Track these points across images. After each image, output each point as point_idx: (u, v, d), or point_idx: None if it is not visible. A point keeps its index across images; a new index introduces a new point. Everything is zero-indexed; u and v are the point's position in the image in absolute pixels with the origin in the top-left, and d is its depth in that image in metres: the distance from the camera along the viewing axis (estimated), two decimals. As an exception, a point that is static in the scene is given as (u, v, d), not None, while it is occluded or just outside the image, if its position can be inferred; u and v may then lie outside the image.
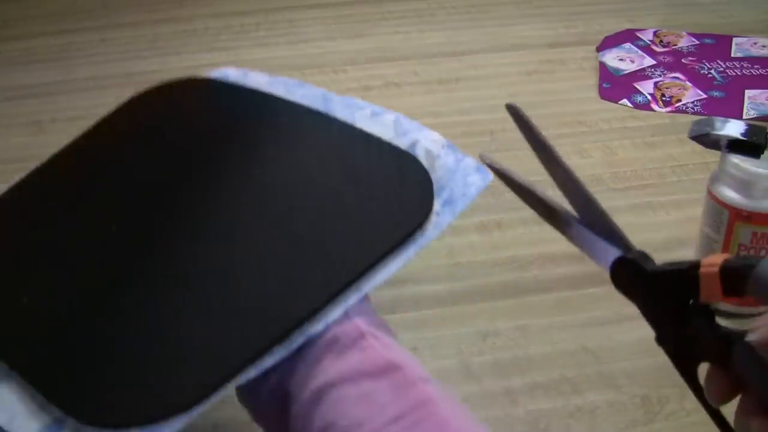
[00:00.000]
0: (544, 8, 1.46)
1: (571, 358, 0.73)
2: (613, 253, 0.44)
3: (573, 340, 0.75)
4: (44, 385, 0.43)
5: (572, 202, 0.47)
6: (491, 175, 0.51)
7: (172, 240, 0.53)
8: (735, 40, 1.32)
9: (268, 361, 0.44)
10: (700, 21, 1.39)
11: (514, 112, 0.49)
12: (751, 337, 0.36)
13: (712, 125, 0.67)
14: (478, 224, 0.90)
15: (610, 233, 0.44)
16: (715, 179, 0.76)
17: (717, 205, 0.74)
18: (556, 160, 0.47)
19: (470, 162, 0.55)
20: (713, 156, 0.73)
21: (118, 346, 0.45)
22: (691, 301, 0.39)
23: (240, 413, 0.69)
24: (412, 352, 0.84)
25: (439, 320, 0.78)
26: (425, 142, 0.56)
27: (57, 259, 0.52)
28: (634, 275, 0.42)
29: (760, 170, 0.71)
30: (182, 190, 0.56)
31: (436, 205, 0.52)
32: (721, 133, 0.67)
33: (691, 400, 0.40)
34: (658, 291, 0.41)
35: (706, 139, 0.68)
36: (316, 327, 0.45)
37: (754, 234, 0.72)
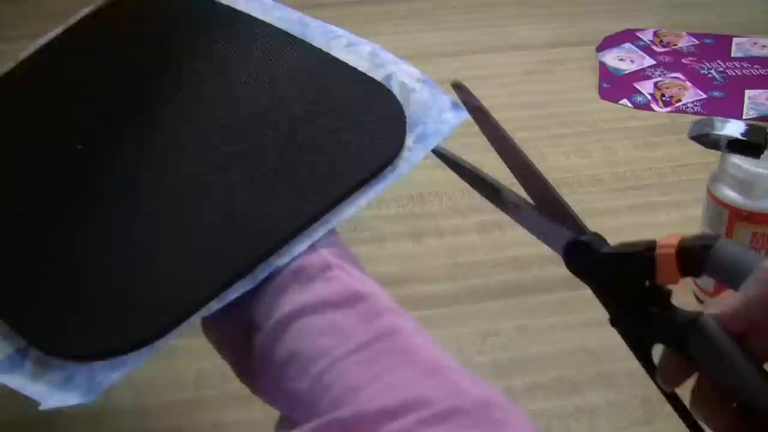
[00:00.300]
0: (544, 8, 1.46)
1: (571, 358, 0.73)
2: (567, 235, 0.43)
3: (573, 340, 0.75)
4: (8, 314, 0.43)
5: (525, 185, 0.47)
6: (466, 113, 0.51)
7: (135, 166, 0.51)
8: (735, 40, 1.32)
9: (232, 294, 0.43)
10: (700, 21, 1.39)
11: (460, 89, 0.49)
12: (710, 309, 0.35)
13: (712, 125, 0.67)
14: (478, 224, 0.90)
15: (564, 216, 0.44)
16: (715, 179, 0.76)
17: (717, 205, 0.74)
18: (510, 143, 0.47)
19: (446, 99, 0.54)
20: (713, 156, 0.73)
21: (82, 276, 0.44)
22: (647, 283, 0.38)
23: (240, 413, 0.69)
24: (412, 352, 0.84)
25: (439, 320, 0.78)
26: (401, 75, 0.55)
27: (17, 182, 0.50)
28: (588, 258, 0.42)
29: (760, 170, 0.71)
30: (146, 111, 0.54)
31: (408, 141, 0.51)
32: (721, 133, 0.67)
33: (691, 400, 0.40)
34: (613, 273, 0.40)
35: (706, 139, 0.68)
36: (282, 260, 0.45)
37: (754, 234, 0.72)
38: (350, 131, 0.51)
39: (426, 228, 0.91)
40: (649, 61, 1.27)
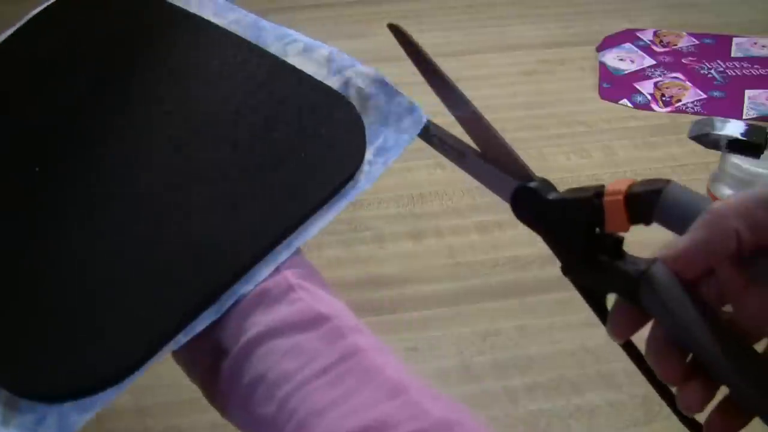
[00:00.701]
0: (543, 8, 1.46)
1: (571, 358, 0.73)
2: (514, 183, 0.42)
3: (573, 340, 0.75)
4: None
5: (472, 134, 0.46)
6: (425, 118, 0.50)
7: (92, 191, 0.49)
8: (735, 40, 1.32)
9: (199, 325, 0.43)
10: (700, 21, 1.39)
11: (397, 32, 0.48)
12: (663, 252, 0.34)
13: (712, 125, 0.67)
14: (478, 224, 0.90)
15: (511, 164, 0.43)
16: (715, 179, 0.75)
17: (717, 205, 0.74)
18: (453, 89, 0.47)
19: (402, 101, 0.53)
20: (713, 156, 0.73)
21: (46, 314, 0.43)
22: (597, 230, 0.37)
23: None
24: (412, 352, 0.84)
25: (439, 320, 0.78)
26: (357, 79, 0.53)
27: None
28: (536, 204, 0.41)
29: (760, 170, 0.71)
30: (98, 128, 0.51)
31: (369, 154, 0.49)
32: (721, 133, 0.67)
33: (691, 400, 0.40)
34: (561, 220, 0.39)
35: (706, 139, 0.68)
36: (247, 287, 0.44)
37: (754, 234, 0.72)
38: (309, 146, 0.49)
39: (426, 228, 0.91)
40: (649, 61, 1.27)
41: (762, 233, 0.30)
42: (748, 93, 1.17)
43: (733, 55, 1.28)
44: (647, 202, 0.34)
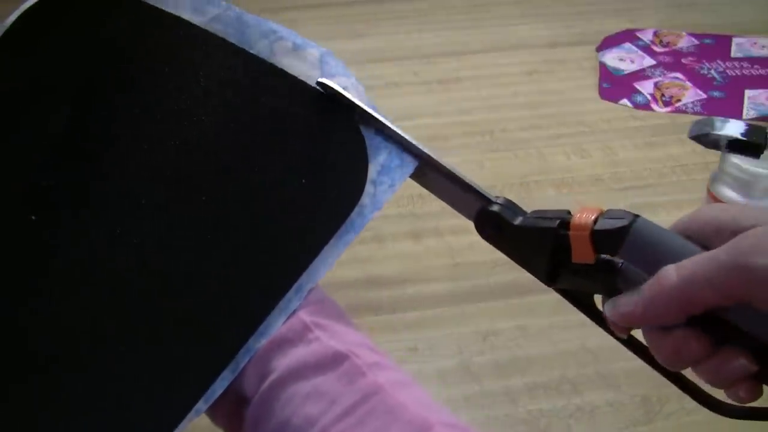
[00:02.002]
0: (544, 8, 1.46)
1: (571, 358, 0.73)
2: (477, 205, 0.42)
3: (573, 340, 0.75)
4: None
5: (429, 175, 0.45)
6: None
7: (93, 245, 0.44)
8: (735, 40, 1.32)
9: (218, 389, 0.42)
10: (700, 21, 1.39)
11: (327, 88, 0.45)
12: (606, 310, 0.35)
13: (712, 125, 0.67)
14: (478, 224, 0.90)
15: (467, 186, 0.42)
16: (715, 179, 0.75)
17: (717, 205, 0.74)
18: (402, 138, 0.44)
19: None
20: (713, 156, 0.73)
21: (65, 394, 0.42)
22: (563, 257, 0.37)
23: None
24: (412, 353, 0.84)
25: (439, 320, 0.78)
26: (354, 89, 0.47)
27: None
28: (499, 228, 0.41)
29: (760, 170, 0.71)
30: (80, 157, 0.45)
31: (372, 172, 0.44)
32: (721, 133, 0.66)
33: (691, 400, 0.40)
34: (527, 245, 0.39)
35: (706, 139, 0.68)
36: (261, 340, 0.42)
37: (754, 234, 0.72)
38: (308, 171, 0.44)
39: (426, 228, 0.91)
40: (649, 61, 1.27)
41: (708, 309, 0.30)
42: (748, 93, 1.17)
43: (733, 55, 1.28)
44: (614, 237, 0.34)
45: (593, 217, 0.35)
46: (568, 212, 0.37)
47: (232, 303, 0.42)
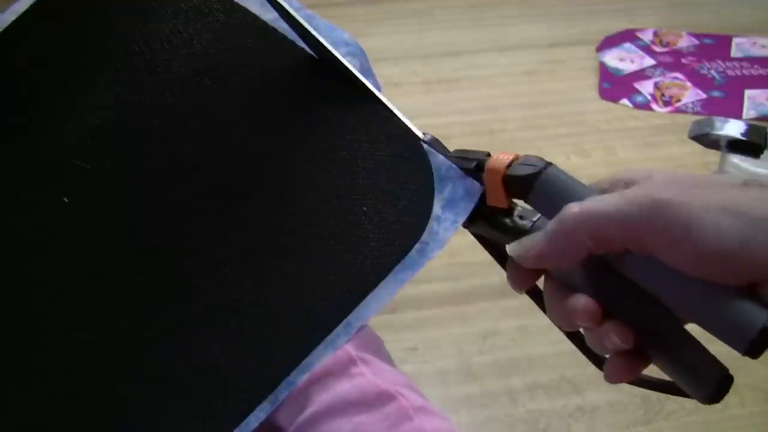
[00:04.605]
0: (544, 8, 1.46)
1: (571, 358, 0.73)
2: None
3: (573, 340, 0.75)
4: None
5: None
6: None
7: (149, 291, 0.42)
8: (735, 40, 1.32)
9: (253, 422, 0.40)
10: (700, 21, 1.39)
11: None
12: (511, 250, 0.34)
13: (712, 125, 0.67)
14: (478, 224, 0.90)
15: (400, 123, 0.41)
16: (715, 179, 0.75)
17: (717, 205, 0.74)
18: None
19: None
20: (713, 156, 0.73)
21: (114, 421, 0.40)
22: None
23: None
24: (412, 352, 0.84)
25: (439, 320, 0.78)
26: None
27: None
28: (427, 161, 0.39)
29: (760, 170, 0.71)
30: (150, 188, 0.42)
31: (436, 207, 0.40)
32: (721, 133, 0.67)
33: (690, 400, 0.40)
34: None
35: (706, 139, 0.68)
36: (302, 376, 0.39)
37: (754, 234, 0.72)
38: (372, 197, 0.40)
39: (426, 228, 0.91)
40: (649, 61, 1.27)
41: (609, 246, 0.30)
42: (748, 93, 1.17)
43: (733, 55, 1.28)
44: (524, 182, 0.34)
45: (508, 162, 0.35)
46: (488, 154, 0.36)
47: (276, 334, 0.39)
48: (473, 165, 0.36)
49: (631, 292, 0.30)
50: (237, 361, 0.39)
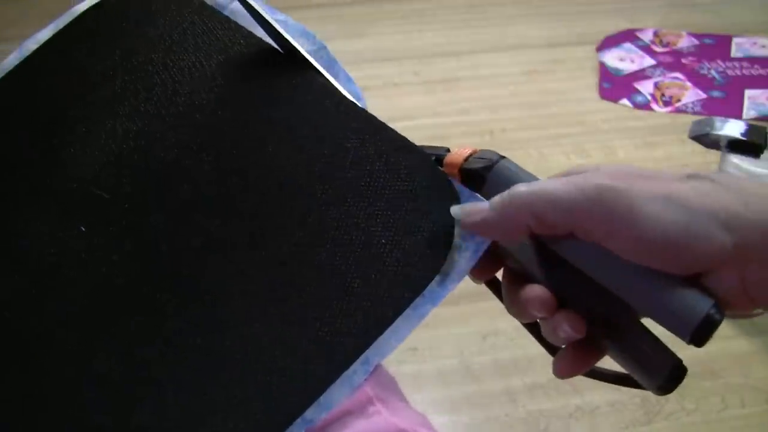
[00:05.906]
0: (544, 8, 1.46)
1: (571, 358, 0.73)
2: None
3: (573, 340, 0.75)
4: None
5: None
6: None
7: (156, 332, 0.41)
8: (735, 40, 1.32)
9: None
10: (700, 21, 1.39)
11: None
12: (454, 212, 0.35)
13: (712, 125, 0.67)
14: (478, 224, 0.90)
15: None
16: (715, 179, 0.75)
17: (717, 205, 0.74)
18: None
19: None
20: (713, 156, 0.73)
21: None
22: None
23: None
24: (412, 352, 0.84)
25: (439, 320, 0.78)
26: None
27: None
28: None
29: (760, 170, 0.71)
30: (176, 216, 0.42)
31: (456, 237, 0.38)
32: (721, 133, 0.67)
33: (690, 401, 0.40)
34: None
35: (706, 139, 0.68)
36: (318, 414, 0.38)
37: (754, 234, 0.72)
38: (392, 228, 0.39)
39: (426, 228, 0.91)
40: (649, 61, 1.27)
41: (551, 229, 0.31)
42: (748, 93, 1.17)
43: (733, 55, 1.28)
44: (478, 175, 0.36)
45: (465, 156, 0.37)
46: (448, 150, 0.38)
47: (291, 369, 0.38)
48: (433, 158, 0.38)
49: (584, 283, 0.31)
50: (253, 395, 0.39)
